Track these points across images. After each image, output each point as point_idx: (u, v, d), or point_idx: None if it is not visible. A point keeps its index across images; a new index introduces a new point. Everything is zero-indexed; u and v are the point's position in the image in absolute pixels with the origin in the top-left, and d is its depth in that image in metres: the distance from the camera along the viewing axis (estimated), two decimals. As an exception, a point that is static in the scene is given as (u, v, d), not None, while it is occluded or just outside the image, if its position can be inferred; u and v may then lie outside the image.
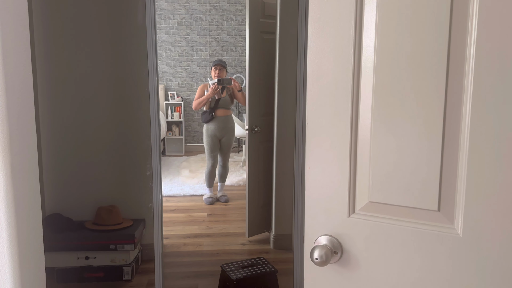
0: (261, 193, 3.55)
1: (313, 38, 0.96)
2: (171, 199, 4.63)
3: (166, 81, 7.21)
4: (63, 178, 3.00)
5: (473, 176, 0.84)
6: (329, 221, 0.98)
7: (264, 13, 3.42)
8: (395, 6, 0.87)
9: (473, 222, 0.85)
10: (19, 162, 1.18)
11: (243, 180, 5.24)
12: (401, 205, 0.92)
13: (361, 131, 0.94)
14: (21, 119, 1.19)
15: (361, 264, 0.96)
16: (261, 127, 3.45)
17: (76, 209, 3.01)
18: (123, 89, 2.99)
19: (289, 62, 3.11)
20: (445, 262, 0.89)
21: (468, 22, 0.82)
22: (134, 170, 3.05)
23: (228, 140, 4.39)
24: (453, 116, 0.85)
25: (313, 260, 0.94)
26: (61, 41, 2.89)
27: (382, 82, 0.90)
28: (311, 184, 1.00)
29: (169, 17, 7.05)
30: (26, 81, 1.22)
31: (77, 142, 2.99)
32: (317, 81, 0.96)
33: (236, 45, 7.23)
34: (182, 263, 3.14)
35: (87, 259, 2.78)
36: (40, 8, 2.84)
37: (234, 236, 3.65)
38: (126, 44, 2.94)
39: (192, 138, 7.31)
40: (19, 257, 1.18)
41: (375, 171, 0.93)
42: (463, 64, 0.83)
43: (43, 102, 2.92)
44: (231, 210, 4.34)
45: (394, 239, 0.93)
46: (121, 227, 2.88)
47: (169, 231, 3.71)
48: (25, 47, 1.22)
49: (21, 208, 1.19)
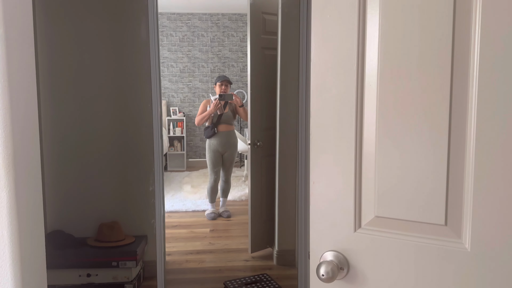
0: (264, 208, 3.53)
1: (316, 53, 0.96)
2: (173, 214, 4.61)
3: (168, 97, 7.25)
4: (65, 194, 2.99)
5: (480, 189, 0.83)
6: (335, 237, 0.97)
7: (266, 29, 3.46)
8: (398, 21, 0.88)
9: (481, 236, 0.84)
10: (23, 179, 1.17)
11: (245, 195, 5.22)
12: (408, 220, 0.91)
13: (366, 145, 0.93)
14: (25, 136, 1.20)
15: (368, 280, 0.95)
16: (263, 142, 3.45)
17: (78, 226, 2.99)
18: (126, 105, 3.00)
19: (290, 77, 3.13)
20: (453, 277, 0.88)
21: (471, 35, 0.82)
22: (136, 186, 3.05)
23: (231, 155, 4.39)
24: (458, 129, 0.85)
25: (319, 276, 0.93)
26: (64, 58, 2.92)
27: (385, 96, 0.90)
28: (316, 199, 0.99)
29: (171, 34, 7.12)
30: (30, 98, 1.23)
31: (79, 158, 2.99)
32: (321, 95, 0.97)
33: (238, 61, 7.29)
34: (184, 280, 3.10)
35: (88, 277, 2.75)
36: (44, 25, 2.88)
37: (236, 252, 3.62)
38: (129, 61, 2.97)
39: (194, 153, 7.32)
40: (22, 275, 1.17)
41: (381, 186, 0.92)
42: (467, 78, 0.83)
43: (45, 118, 2.93)
44: (233, 225, 4.31)
45: (401, 254, 0.92)
46: (123, 244, 2.86)
47: (171, 247, 3.68)
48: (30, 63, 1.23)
49: (24, 226, 1.18)
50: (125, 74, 2.98)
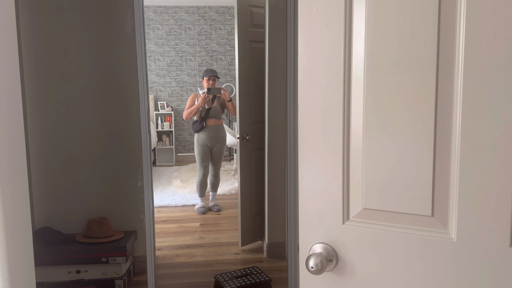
0: (253, 201, 3.54)
1: (303, 47, 0.96)
2: (163, 209, 4.60)
3: (156, 91, 7.19)
4: (53, 190, 2.96)
5: (465, 181, 0.85)
6: (323, 229, 0.98)
7: (253, 22, 3.45)
8: (384, 13, 0.88)
9: (466, 226, 0.86)
10: (8, 176, 1.16)
11: (235, 189, 5.22)
12: (395, 211, 0.92)
13: (353, 138, 0.94)
14: (10, 133, 1.18)
15: (356, 271, 0.96)
16: (252, 136, 3.45)
17: (66, 222, 2.97)
18: (113, 100, 2.97)
19: (278, 70, 3.13)
20: (440, 267, 0.89)
21: (456, 28, 0.83)
22: (124, 181, 3.03)
23: (219, 149, 4.38)
24: (444, 122, 0.86)
25: (308, 268, 0.94)
26: (49, 52, 2.87)
27: (372, 89, 0.91)
28: (304, 192, 1.00)
29: (158, 27, 7.05)
30: (14, 95, 1.21)
31: (66, 154, 2.95)
32: (308, 89, 0.97)
33: (226, 54, 7.25)
34: (175, 275, 3.10)
35: (78, 273, 2.73)
36: (28, 19, 2.83)
37: (227, 245, 3.63)
38: (115, 55, 2.93)
39: (183, 147, 7.29)
40: (9, 272, 1.16)
41: (368, 178, 0.93)
42: (452, 70, 0.84)
43: (31, 114, 2.89)
44: (223, 219, 4.32)
45: (388, 245, 0.93)
46: (113, 240, 2.84)
47: (161, 242, 3.67)
48: (13, 60, 1.21)
49: (10, 223, 1.17)
50: (111, 68, 2.94)
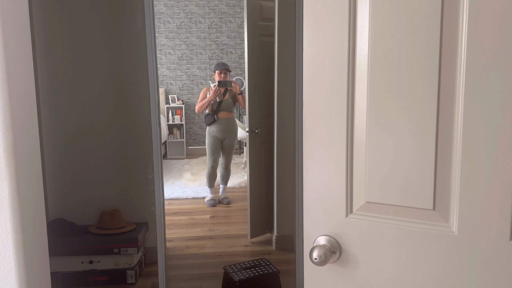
0: (263, 194, 3.57)
1: (308, 43, 0.98)
2: (174, 202, 4.66)
3: (167, 85, 7.24)
4: (66, 183, 3.03)
5: (466, 175, 0.86)
6: (327, 222, 1.00)
7: (263, 16, 3.45)
8: (388, 10, 0.89)
9: (467, 220, 0.87)
10: (23, 170, 1.20)
11: (244, 182, 5.26)
12: (397, 205, 0.94)
13: (357, 133, 0.96)
14: (25, 127, 1.22)
15: (359, 263, 0.98)
16: (261, 129, 3.47)
17: (79, 214, 3.03)
18: (124, 93, 3.01)
19: (287, 64, 3.13)
20: (441, 260, 0.91)
21: (459, 25, 0.84)
22: (136, 174, 3.08)
23: (230, 142, 4.41)
24: (446, 117, 0.87)
25: (312, 260, 0.96)
26: (61, 46, 2.92)
27: (376, 85, 0.92)
28: (309, 186, 1.02)
29: (169, 21, 7.08)
30: (29, 89, 1.25)
31: (79, 147, 3.01)
32: (313, 85, 0.99)
33: (236, 47, 7.26)
34: (185, 266, 3.16)
35: (91, 263, 2.80)
36: (40, 14, 2.87)
37: (236, 238, 3.67)
38: (126, 49, 2.97)
39: (194, 141, 7.34)
40: (25, 262, 1.21)
41: (371, 172, 0.95)
42: (454, 66, 0.85)
43: (44, 107, 2.95)
44: (233, 212, 4.36)
45: (390, 238, 0.95)
46: (124, 231, 2.90)
47: (172, 234, 3.73)
48: (27, 55, 1.24)
49: (26, 214, 1.21)
50: (123, 63, 2.98)
